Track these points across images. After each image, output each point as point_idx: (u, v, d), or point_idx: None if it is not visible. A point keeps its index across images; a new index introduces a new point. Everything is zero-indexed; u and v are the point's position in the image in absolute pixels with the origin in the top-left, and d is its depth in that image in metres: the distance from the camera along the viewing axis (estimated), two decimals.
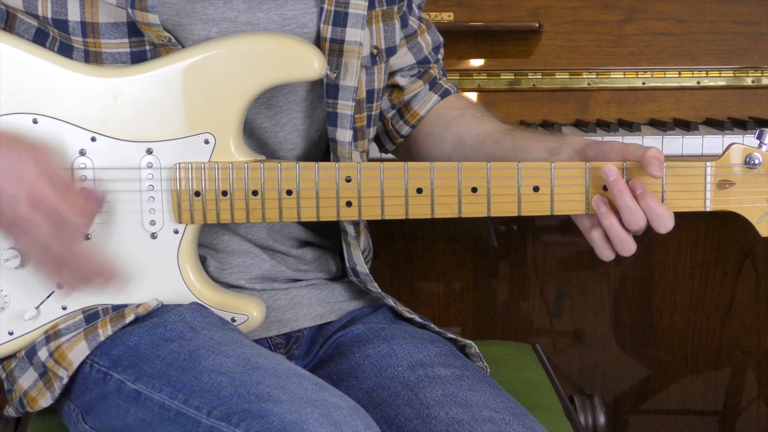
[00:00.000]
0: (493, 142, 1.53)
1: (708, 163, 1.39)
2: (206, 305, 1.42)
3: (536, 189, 1.39)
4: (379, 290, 1.53)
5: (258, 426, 1.18)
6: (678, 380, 2.57)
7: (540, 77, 2.30)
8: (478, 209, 1.39)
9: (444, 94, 1.65)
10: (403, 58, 1.63)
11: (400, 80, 1.64)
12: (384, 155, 1.75)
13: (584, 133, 2.16)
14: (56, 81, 1.37)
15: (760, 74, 2.33)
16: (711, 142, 2.13)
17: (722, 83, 2.33)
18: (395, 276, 2.45)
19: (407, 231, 2.43)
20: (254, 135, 1.47)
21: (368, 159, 1.60)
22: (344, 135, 1.47)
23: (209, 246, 1.48)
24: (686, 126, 2.18)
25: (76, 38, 1.38)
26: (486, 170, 1.38)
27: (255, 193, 1.38)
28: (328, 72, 1.42)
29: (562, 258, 2.50)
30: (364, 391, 1.44)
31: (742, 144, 1.39)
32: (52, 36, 1.40)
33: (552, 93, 2.31)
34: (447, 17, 2.26)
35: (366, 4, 1.45)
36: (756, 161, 1.38)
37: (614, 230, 1.37)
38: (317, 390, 1.25)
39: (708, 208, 1.40)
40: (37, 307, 1.40)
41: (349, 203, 1.39)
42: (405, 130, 1.65)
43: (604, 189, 1.38)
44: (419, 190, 1.38)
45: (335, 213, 1.39)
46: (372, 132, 1.58)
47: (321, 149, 1.55)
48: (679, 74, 2.33)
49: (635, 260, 2.51)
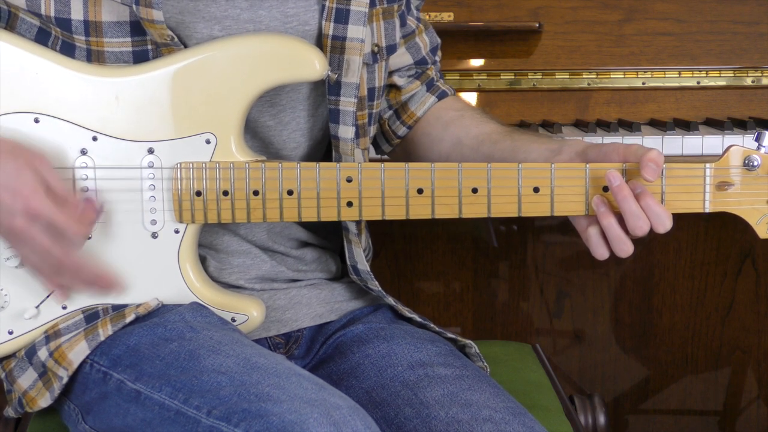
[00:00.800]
0: (492, 143, 1.53)
1: (707, 165, 1.39)
2: (206, 305, 1.42)
3: (536, 190, 1.39)
4: (380, 289, 1.53)
5: (258, 426, 1.18)
6: (678, 380, 2.57)
7: (540, 77, 2.30)
8: (479, 210, 1.39)
9: (441, 96, 1.65)
10: (401, 58, 1.63)
11: (398, 80, 1.64)
12: (382, 157, 1.75)
13: (584, 133, 2.16)
14: (58, 80, 1.37)
15: (760, 74, 2.33)
16: (711, 142, 2.13)
17: (722, 83, 2.33)
18: (395, 276, 2.45)
19: (407, 231, 2.43)
20: (258, 134, 1.47)
21: (369, 157, 1.60)
22: (346, 132, 1.47)
23: (209, 246, 1.49)
24: (686, 126, 2.17)
25: (79, 37, 1.38)
26: (486, 171, 1.38)
27: (256, 193, 1.38)
28: (330, 72, 1.42)
29: (562, 258, 2.49)
30: (364, 391, 1.44)
31: (742, 146, 1.39)
32: (54, 35, 1.40)
33: (552, 93, 2.31)
34: (447, 17, 2.26)
35: (367, 2, 1.45)
36: (755, 163, 1.39)
37: (612, 230, 1.37)
38: (317, 390, 1.25)
39: (707, 210, 1.40)
40: (37, 307, 1.40)
41: (350, 203, 1.39)
42: (402, 131, 1.65)
43: (604, 190, 1.38)
44: (420, 191, 1.39)
45: (336, 213, 1.39)
46: (373, 130, 1.58)
47: (323, 148, 1.55)
48: (679, 74, 2.32)
49: (635, 260, 2.51)
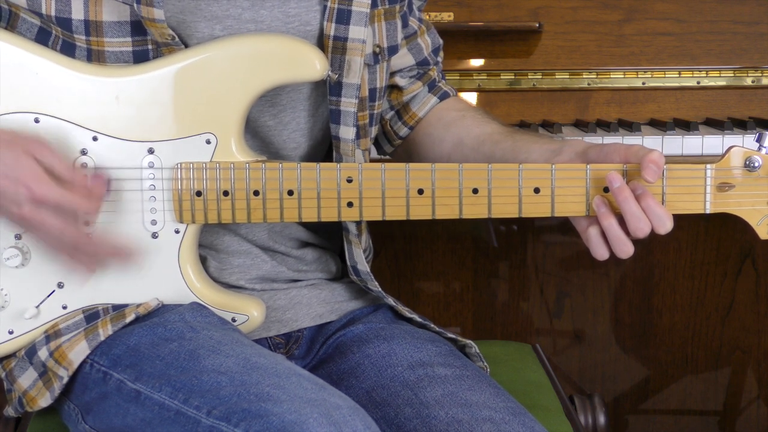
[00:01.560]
0: (493, 143, 1.53)
1: (708, 166, 1.39)
2: (206, 305, 1.42)
3: (537, 190, 1.39)
4: (380, 289, 1.53)
5: (257, 426, 1.18)
6: (678, 380, 2.57)
7: (540, 77, 2.30)
8: (479, 210, 1.39)
9: (443, 97, 1.65)
10: (403, 59, 1.63)
11: (400, 81, 1.64)
12: (383, 157, 1.75)
13: (584, 133, 2.16)
14: (58, 80, 1.37)
15: (760, 74, 2.33)
16: (711, 142, 2.13)
17: (722, 83, 2.33)
18: (395, 276, 2.45)
19: (407, 231, 2.43)
20: (258, 134, 1.47)
21: (370, 158, 1.60)
22: (347, 132, 1.47)
23: (209, 246, 1.49)
24: (686, 126, 2.18)
25: (79, 37, 1.38)
26: (487, 171, 1.38)
27: (256, 194, 1.38)
28: (330, 73, 1.42)
29: (562, 258, 2.49)
30: (364, 391, 1.44)
31: (742, 147, 1.39)
32: (55, 34, 1.40)
33: (552, 93, 2.31)
34: (447, 17, 2.26)
35: (369, 2, 1.45)
36: (756, 164, 1.39)
37: (613, 231, 1.37)
38: (317, 390, 1.25)
39: (708, 211, 1.40)
40: (38, 306, 1.40)
41: (351, 204, 1.39)
42: (403, 132, 1.65)
43: (605, 191, 1.38)
44: (420, 191, 1.39)
45: (336, 213, 1.39)
46: (374, 131, 1.58)
47: (324, 148, 1.55)
48: (679, 74, 2.32)
49: (635, 260, 2.51)
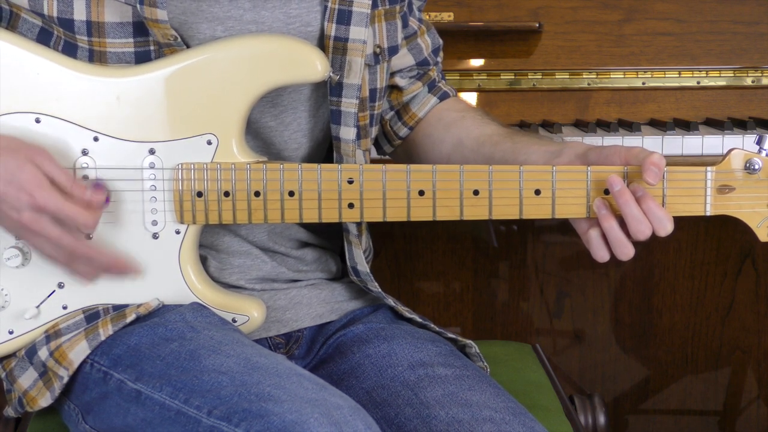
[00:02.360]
0: (493, 145, 1.53)
1: (708, 168, 1.40)
2: (207, 305, 1.42)
3: (537, 192, 1.39)
4: (380, 290, 1.53)
5: (258, 426, 1.18)
6: (678, 380, 2.57)
7: (540, 77, 2.30)
8: (480, 212, 1.39)
9: (443, 97, 1.65)
10: (403, 59, 1.63)
11: (400, 81, 1.64)
12: (383, 157, 1.75)
13: (584, 134, 2.16)
14: (59, 81, 1.37)
15: (760, 74, 2.33)
16: (711, 142, 2.13)
17: (722, 83, 2.33)
18: (395, 276, 2.45)
19: (407, 231, 2.43)
20: (259, 134, 1.47)
21: (370, 158, 1.60)
22: (348, 133, 1.47)
23: (210, 246, 1.49)
24: (686, 126, 2.18)
25: (81, 37, 1.38)
26: (488, 173, 1.38)
27: (257, 194, 1.38)
28: (331, 74, 1.42)
29: (562, 258, 2.49)
30: (365, 391, 1.44)
31: (743, 149, 1.39)
32: (57, 35, 1.40)
33: (552, 93, 2.31)
34: (447, 17, 2.26)
35: (370, 3, 1.46)
36: (756, 166, 1.39)
37: (613, 233, 1.37)
38: (318, 390, 1.25)
39: (708, 213, 1.41)
40: (38, 306, 1.41)
41: (351, 205, 1.39)
42: (403, 132, 1.65)
43: (606, 193, 1.38)
44: (421, 193, 1.39)
45: (337, 214, 1.39)
46: (374, 131, 1.58)
47: (325, 149, 1.56)
48: (679, 74, 2.32)
49: (635, 260, 2.48)
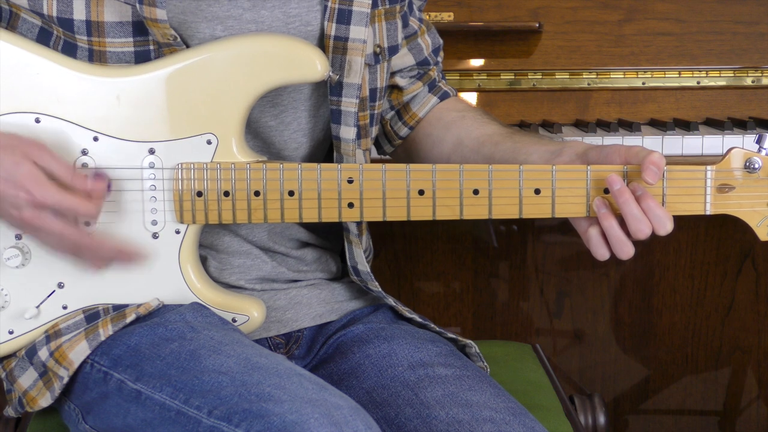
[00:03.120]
0: (493, 144, 1.53)
1: (708, 167, 1.40)
2: (207, 305, 1.42)
3: (537, 191, 1.39)
4: (380, 289, 1.53)
5: (258, 426, 1.18)
6: (678, 380, 2.57)
7: (540, 77, 2.30)
8: (480, 211, 1.39)
9: (443, 97, 1.65)
10: (403, 59, 1.63)
11: (400, 81, 1.64)
12: (383, 157, 1.75)
13: (584, 133, 2.16)
14: (59, 81, 1.37)
15: (760, 74, 2.33)
16: (711, 142, 2.13)
17: (722, 83, 2.33)
18: (395, 276, 2.45)
19: (407, 231, 2.43)
20: (259, 134, 1.47)
21: (371, 158, 1.60)
22: (348, 132, 1.47)
23: (210, 246, 1.49)
24: (686, 126, 2.18)
25: (81, 37, 1.38)
26: (488, 172, 1.38)
27: (257, 194, 1.38)
28: (331, 74, 1.42)
29: (562, 258, 2.49)
30: (365, 391, 1.44)
31: (743, 148, 1.39)
32: (56, 35, 1.40)
33: (552, 93, 2.31)
34: (447, 17, 2.26)
35: (370, 2, 1.46)
36: (756, 165, 1.39)
37: (613, 231, 1.37)
38: (318, 390, 1.25)
39: (708, 212, 1.40)
40: (38, 306, 1.41)
41: (351, 204, 1.39)
42: (403, 132, 1.65)
43: (605, 192, 1.38)
44: (421, 192, 1.39)
45: (337, 214, 1.39)
46: (375, 131, 1.58)
47: (325, 148, 1.56)
48: (679, 74, 2.32)
49: (635, 260, 2.50)
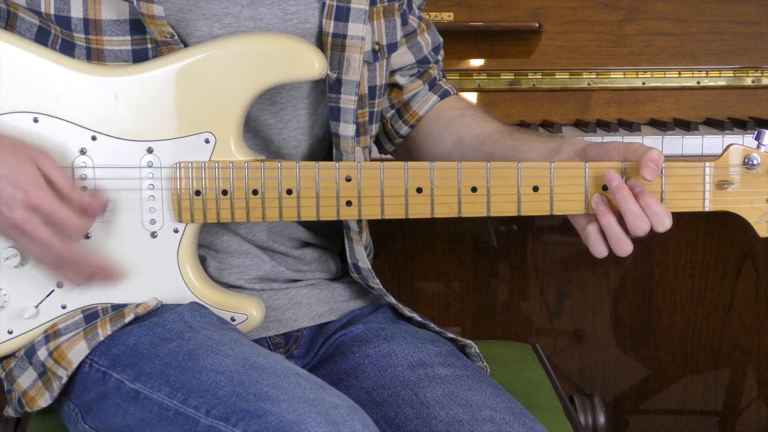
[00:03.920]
0: (493, 142, 1.53)
1: (707, 164, 1.39)
2: (206, 305, 1.42)
3: (536, 189, 1.39)
4: (381, 287, 1.53)
5: (256, 425, 1.18)
6: (678, 380, 2.57)
7: (540, 77, 2.30)
8: (478, 209, 1.39)
9: (443, 95, 1.65)
10: (403, 57, 1.63)
11: (400, 79, 1.64)
12: (383, 156, 1.75)
13: (584, 133, 2.16)
14: (57, 80, 1.37)
15: (760, 74, 2.33)
16: (711, 142, 2.13)
17: (722, 83, 2.33)
18: (395, 276, 2.45)
19: (407, 231, 2.43)
20: (258, 132, 1.47)
21: (370, 156, 1.60)
22: (347, 129, 1.47)
23: (209, 246, 1.49)
24: (686, 126, 2.18)
25: (78, 35, 1.38)
26: (486, 170, 1.38)
27: (255, 193, 1.38)
28: (329, 72, 1.42)
29: (562, 258, 2.49)
30: (365, 391, 1.44)
31: (741, 145, 1.39)
32: (54, 34, 1.40)
33: (552, 93, 2.31)
34: (447, 17, 2.26)
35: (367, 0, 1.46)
36: (755, 162, 1.39)
37: (612, 229, 1.37)
38: (315, 389, 1.25)
39: (707, 209, 1.40)
40: (37, 306, 1.40)
41: (349, 203, 1.39)
42: (404, 130, 1.65)
43: (604, 189, 1.38)
44: (419, 190, 1.38)
45: (335, 212, 1.39)
46: (374, 129, 1.58)
47: (325, 146, 1.55)
48: (679, 74, 2.32)
49: (635, 260, 2.51)
